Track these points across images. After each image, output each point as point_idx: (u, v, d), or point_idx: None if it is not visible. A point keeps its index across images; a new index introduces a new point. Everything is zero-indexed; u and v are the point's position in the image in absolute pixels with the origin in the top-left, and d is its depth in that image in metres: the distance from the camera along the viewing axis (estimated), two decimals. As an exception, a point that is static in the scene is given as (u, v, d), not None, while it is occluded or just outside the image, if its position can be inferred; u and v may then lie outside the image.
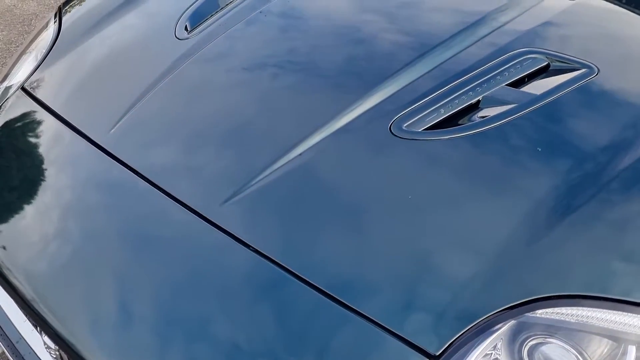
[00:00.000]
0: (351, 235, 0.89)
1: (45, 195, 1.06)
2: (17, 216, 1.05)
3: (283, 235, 0.90)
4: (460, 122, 1.03)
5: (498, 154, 0.99)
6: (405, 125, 1.01)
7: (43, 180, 1.09)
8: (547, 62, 1.14)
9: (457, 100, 1.06)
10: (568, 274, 0.81)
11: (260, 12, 1.32)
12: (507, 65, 1.13)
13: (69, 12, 1.51)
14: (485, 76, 1.10)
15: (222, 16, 1.34)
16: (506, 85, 1.09)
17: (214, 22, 1.33)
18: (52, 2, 4.29)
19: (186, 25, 1.34)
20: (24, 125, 1.20)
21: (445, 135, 1.00)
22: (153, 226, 0.94)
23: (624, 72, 1.13)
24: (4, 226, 1.05)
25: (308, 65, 1.16)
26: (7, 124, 1.21)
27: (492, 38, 1.20)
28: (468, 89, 1.08)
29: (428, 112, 1.03)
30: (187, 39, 1.30)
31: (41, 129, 1.17)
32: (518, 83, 1.10)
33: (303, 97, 1.10)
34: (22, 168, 1.14)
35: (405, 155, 0.98)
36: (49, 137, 1.16)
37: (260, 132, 1.04)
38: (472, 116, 1.04)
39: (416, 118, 1.03)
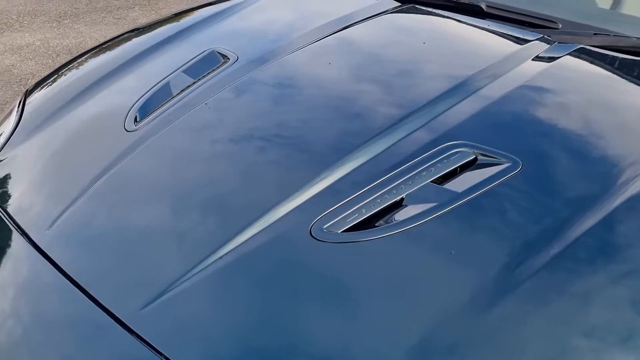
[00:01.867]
0: (268, 344, 0.91)
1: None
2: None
3: (199, 345, 0.92)
4: (380, 222, 1.05)
5: (416, 255, 1.01)
6: (325, 226, 1.04)
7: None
8: (474, 156, 1.18)
9: (379, 200, 1.08)
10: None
11: (206, 104, 1.38)
12: (434, 161, 1.16)
13: (32, 99, 1.58)
14: (411, 172, 1.13)
15: (169, 108, 1.40)
16: (431, 182, 1.12)
17: (161, 114, 1.38)
18: (50, 61, 4.45)
19: (136, 117, 1.40)
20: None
21: (363, 237, 1.02)
22: (74, 331, 0.97)
23: (546, 166, 1.16)
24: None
25: (233, 163, 1.20)
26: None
27: (424, 131, 1.24)
28: (392, 187, 1.11)
29: (350, 212, 1.06)
30: (135, 130, 1.35)
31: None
32: (444, 179, 1.14)
33: (227, 198, 1.13)
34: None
35: (321, 259, 1.00)
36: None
37: (183, 235, 1.07)
38: (393, 216, 1.07)
39: (338, 219, 1.05)
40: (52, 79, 1.66)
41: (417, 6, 1.92)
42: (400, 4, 1.94)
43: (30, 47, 4.66)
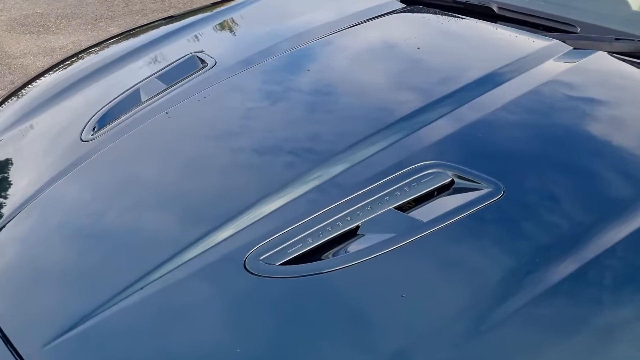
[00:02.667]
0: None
1: None
2: None
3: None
4: (326, 254, 0.91)
5: (363, 296, 0.87)
6: (263, 257, 0.91)
7: None
8: (450, 179, 1.02)
9: (330, 227, 0.94)
10: None
11: (167, 113, 1.27)
12: (401, 184, 1.01)
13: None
14: (372, 197, 0.99)
15: (130, 117, 1.30)
16: (394, 208, 0.97)
17: (120, 124, 1.28)
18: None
19: (95, 126, 1.30)
20: None
21: (304, 272, 0.88)
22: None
23: (534, 193, 1.00)
24: None
25: (174, 183, 1.08)
26: None
27: (396, 148, 1.09)
28: (347, 213, 0.96)
29: (294, 242, 0.93)
30: (90, 141, 1.25)
31: None
32: (412, 204, 0.99)
33: (159, 222, 1.01)
34: None
35: (253, 296, 0.87)
36: None
37: (104, 263, 0.96)
38: (343, 247, 0.93)
39: (278, 248, 0.92)
40: (25, 87, 1.59)
41: (422, 7, 1.77)
42: (404, 5, 1.79)
43: (63, 50, 4.71)
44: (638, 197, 0.95)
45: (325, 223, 0.95)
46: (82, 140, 1.26)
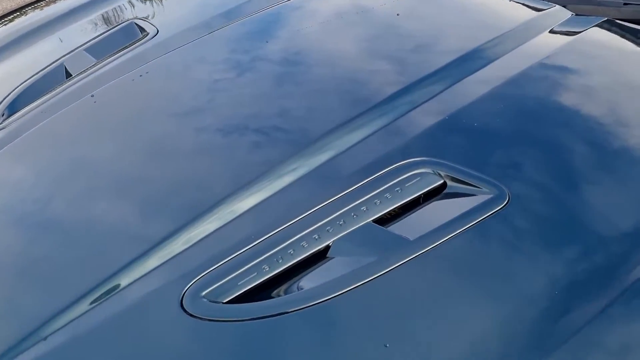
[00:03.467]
0: None
1: None
2: None
3: None
4: (287, 287, 0.71)
5: (332, 344, 0.66)
6: (205, 292, 0.70)
7: None
8: (441, 181, 0.82)
9: (291, 250, 0.73)
10: None
11: (92, 97, 1.02)
12: (380, 189, 0.80)
13: None
14: (345, 207, 0.78)
15: (49, 99, 1.05)
16: (372, 221, 0.77)
17: (35, 109, 1.04)
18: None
19: (3, 113, 1.05)
20: None
21: (256, 313, 0.68)
22: None
23: (544, 199, 0.80)
24: None
25: (96, 189, 0.85)
26: None
27: (375, 141, 0.88)
28: (313, 230, 0.75)
29: (245, 270, 0.72)
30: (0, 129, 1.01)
31: None
32: (395, 216, 0.78)
33: (73, 244, 0.79)
34: None
35: (190, 345, 0.66)
36: None
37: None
38: (307, 275, 0.72)
39: (225, 280, 0.71)
40: None
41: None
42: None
43: None
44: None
45: (286, 244, 0.74)
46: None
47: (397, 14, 1.24)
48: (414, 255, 0.71)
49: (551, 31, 1.20)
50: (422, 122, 0.90)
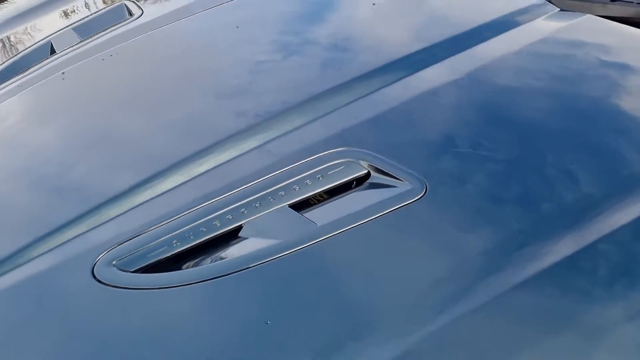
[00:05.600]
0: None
1: None
2: None
3: None
4: (194, 262, 0.75)
5: (223, 317, 0.70)
6: (116, 262, 0.75)
7: None
8: (366, 172, 0.84)
9: (204, 228, 0.77)
10: None
11: (62, 74, 1.09)
12: (304, 174, 0.83)
13: None
14: (264, 191, 0.81)
15: (28, 74, 1.13)
16: (289, 205, 0.80)
17: (13, 83, 1.11)
18: None
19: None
20: None
21: (161, 283, 0.72)
22: None
23: (457, 194, 0.80)
24: None
25: (44, 159, 0.91)
26: None
27: (305, 131, 0.90)
28: (228, 211, 0.79)
29: (157, 243, 0.76)
30: None
31: None
32: (310, 201, 0.81)
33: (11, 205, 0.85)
34: None
35: (96, 309, 0.71)
36: None
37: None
38: (215, 254, 0.76)
39: (137, 252, 0.76)
40: None
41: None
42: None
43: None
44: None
45: (199, 222, 0.78)
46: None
47: (373, 4, 1.25)
48: (315, 241, 0.74)
49: (530, 25, 1.18)
50: (360, 115, 0.92)
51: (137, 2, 1.33)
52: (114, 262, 0.74)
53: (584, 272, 0.66)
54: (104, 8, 1.33)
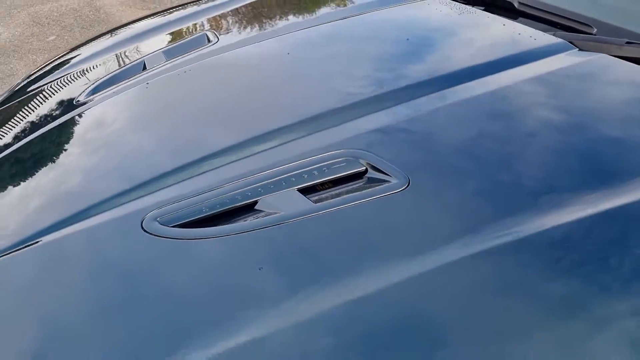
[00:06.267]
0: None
1: None
2: None
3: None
4: (224, 220, 0.97)
5: (238, 264, 0.90)
6: (159, 218, 0.98)
7: None
8: (364, 168, 1.03)
9: (228, 200, 1.00)
10: None
11: (147, 84, 1.38)
12: (314, 166, 1.04)
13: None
14: (278, 176, 1.03)
15: (120, 85, 1.43)
16: (297, 189, 1.01)
17: (109, 91, 1.42)
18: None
19: (91, 91, 1.45)
20: None
21: (204, 236, 0.94)
22: None
23: (436, 189, 0.98)
24: None
25: (123, 149, 1.18)
26: None
27: (317, 136, 1.11)
28: (249, 189, 1.01)
29: (194, 208, 0.99)
30: (78, 103, 1.41)
31: None
32: (315, 188, 1.01)
33: (89, 175, 1.13)
34: None
35: (144, 252, 0.95)
36: None
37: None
38: (235, 218, 0.97)
39: (175, 214, 0.99)
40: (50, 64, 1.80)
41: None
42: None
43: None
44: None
45: (225, 195, 1.00)
46: (74, 103, 1.41)
47: (407, 39, 1.45)
48: (310, 215, 0.94)
49: (547, 60, 1.33)
50: (366, 126, 1.12)
51: (216, 33, 1.62)
52: (157, 219, 0.98)
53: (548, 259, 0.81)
54: (189, 37, 1.63)
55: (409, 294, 0.79)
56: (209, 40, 1.60)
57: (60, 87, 1.55)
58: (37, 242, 0.99)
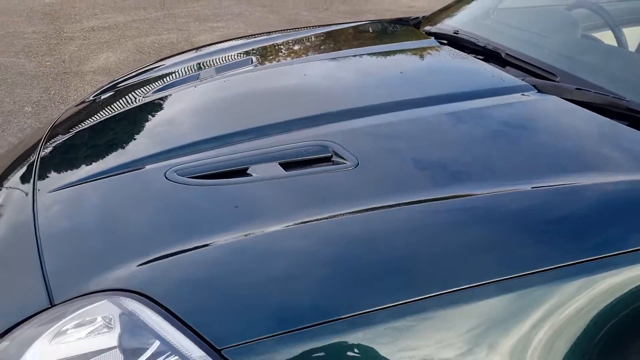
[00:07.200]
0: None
1: None
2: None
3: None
4: (223, 177, 1.36)
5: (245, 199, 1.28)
6: (178, 172, 1.39)
7: None
8: (330, 154, 1.40)
9: (228, 164, 1.39)
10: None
11: (194, 87, 1.83)
12: (294, 149, 1.42)
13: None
14: (268, 153, 1.42)
15: (177, 87, 1.90)
16: (279, 163, 1.39)
17: (168, 90, 1.89)
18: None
19: (158, 89, 1.93)
20: None
21: (205, 185, 1.34)
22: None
23: (375, 169, 1.33)
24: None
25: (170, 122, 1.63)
26: None
27: (305, 131, 1.50)
28: (245, 159, 1.41)
29: (203, 167, 1.40)
30: (147, 98, 1.88)
31: None
32: (294, 164, 1.39)
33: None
34: None
35: (167, 196, 1.35)
36: None
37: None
38: (232, 176, 1.37)
39: (190, 170, 1.40)
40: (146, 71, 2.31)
41: (447, 47, 2.09)
42: (438, 44, 2.13)
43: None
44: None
45: (227, 161, 1.40)
46: (143, 97, 1.89)
47: (401, 72, 1.83)
48: (278, 179, 1.32)
49: (501, 97, 1.66)
50: (344, 127, 1.50)
51: (260, 57, 2.07)
52: (177, 171, 1.39)
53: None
54: (238, 59, 2.09)
55: (349, 229, 1.15)
56: (252, 61, 2.05)
57: (142, 84, 2.05)
58: (106, 176, 1.43)
